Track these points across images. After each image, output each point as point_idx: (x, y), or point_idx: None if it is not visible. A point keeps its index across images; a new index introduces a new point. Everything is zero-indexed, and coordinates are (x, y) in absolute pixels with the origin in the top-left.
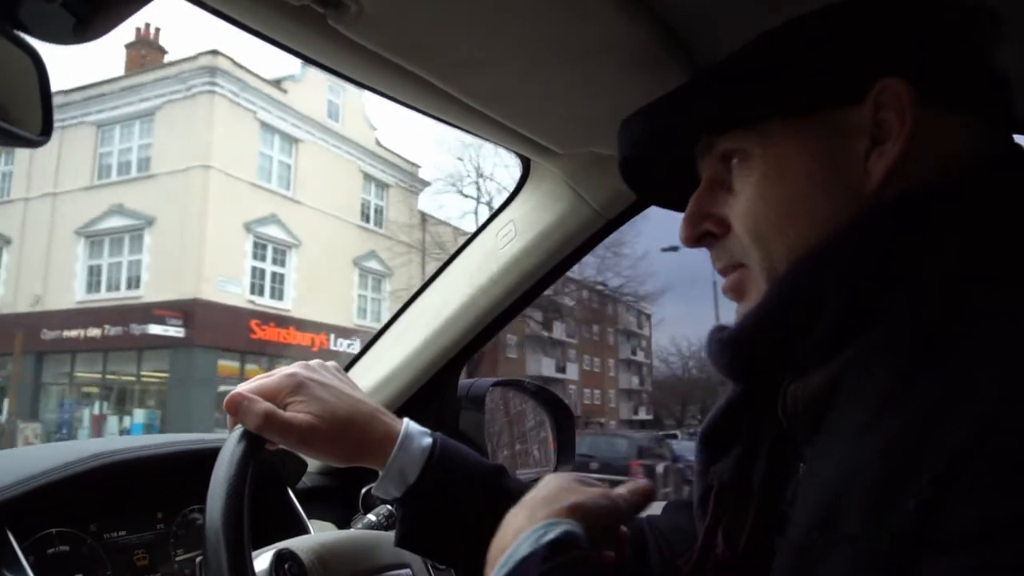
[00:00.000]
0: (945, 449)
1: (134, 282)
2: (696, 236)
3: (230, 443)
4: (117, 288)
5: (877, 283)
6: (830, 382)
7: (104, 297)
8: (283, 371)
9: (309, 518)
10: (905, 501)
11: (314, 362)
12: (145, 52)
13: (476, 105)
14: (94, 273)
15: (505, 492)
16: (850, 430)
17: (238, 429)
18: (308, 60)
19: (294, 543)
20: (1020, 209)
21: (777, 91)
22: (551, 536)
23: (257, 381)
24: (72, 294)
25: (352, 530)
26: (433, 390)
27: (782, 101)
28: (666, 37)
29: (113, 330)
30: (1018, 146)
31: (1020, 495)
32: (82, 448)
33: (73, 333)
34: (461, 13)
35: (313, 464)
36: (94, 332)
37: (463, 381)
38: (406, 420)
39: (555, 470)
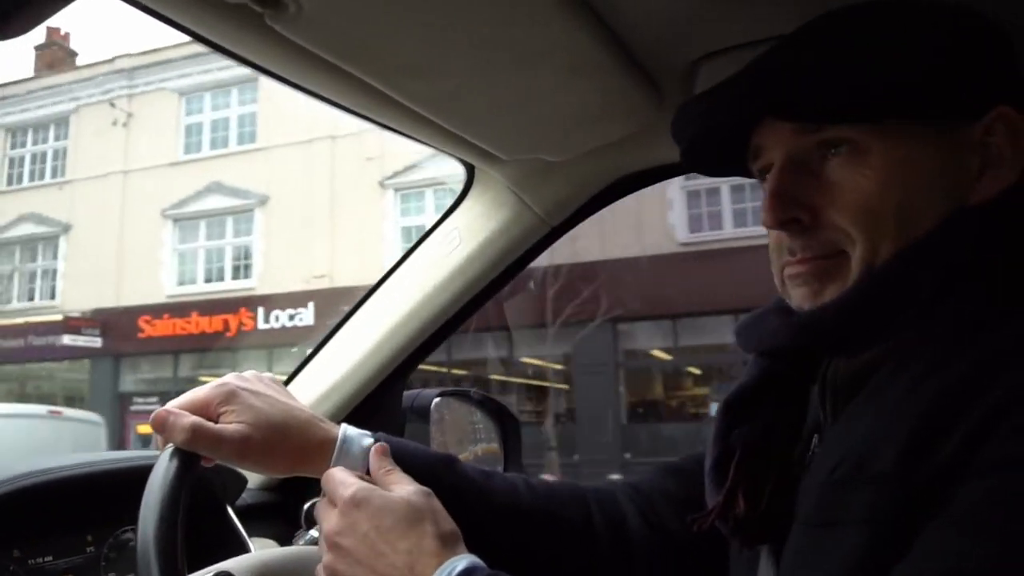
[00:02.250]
0: (993, 398)
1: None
2: (785, 219)
3: (161, 462)
4: (31, 298)
5: (964, 276)
6: (877, 359)
7: (16, 308)
8: (214, 382)
9: (250, 536)
10: (945, 441)
11: (248, 373)
12: (57, 55)
13: (420, 110)
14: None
15: (459, 481)
16: (890, 397)
17: (169, 447)
18: (245, 63)
19: (233, 563)
20: None
21: (907, 93)
22: (461, 567)
23: (186, 395)
24: None
25: (294, 547)
26: (377, 402)
27: (909, 103)
28: (611, 43)
29: (34, 340)
30: None
31: None
32: (6, 468)
33: None
34: (404, 16)
35: (253, 480)
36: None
37: (408, 392)
38: (344, 424)
39: None
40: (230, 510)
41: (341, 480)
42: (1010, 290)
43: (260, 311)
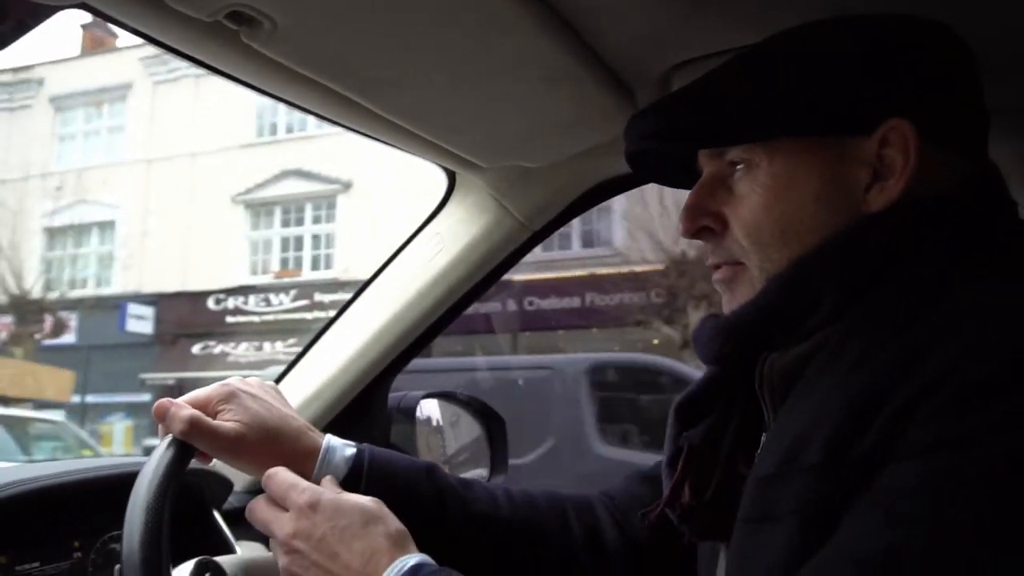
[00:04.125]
0: (912, 385)
1: None
2: (695, 229)
3: (158, 450)
4: None
5: (866, 280)
6: (806, 354)
7: None
8: (217, 382)
9: (237, 540)
10: (869, 428)
11: (251, 379)
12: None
13: (398, 120)
14: None
15: (439, 490)
16: (819, 390)
17: (167, 438)
18: (226, 76)
19: (220, 559)
20: (993, 218)
21: (792, 112)
22: (412, 563)
23: (191, 392)
24: None
25: None
26: (363, 404)
27: (795, 122)
28: (586, 54)
29: None
30: (993, 164)
31: (975, 419)
32: None
33: None
34: (379, 30)
35: (239, 483)
36: None
37: (394, 394)
38: (327, 435)
39: (489, 479)
40: (216, 513)
41: (292, 484)
42: (922, 288)
43: None
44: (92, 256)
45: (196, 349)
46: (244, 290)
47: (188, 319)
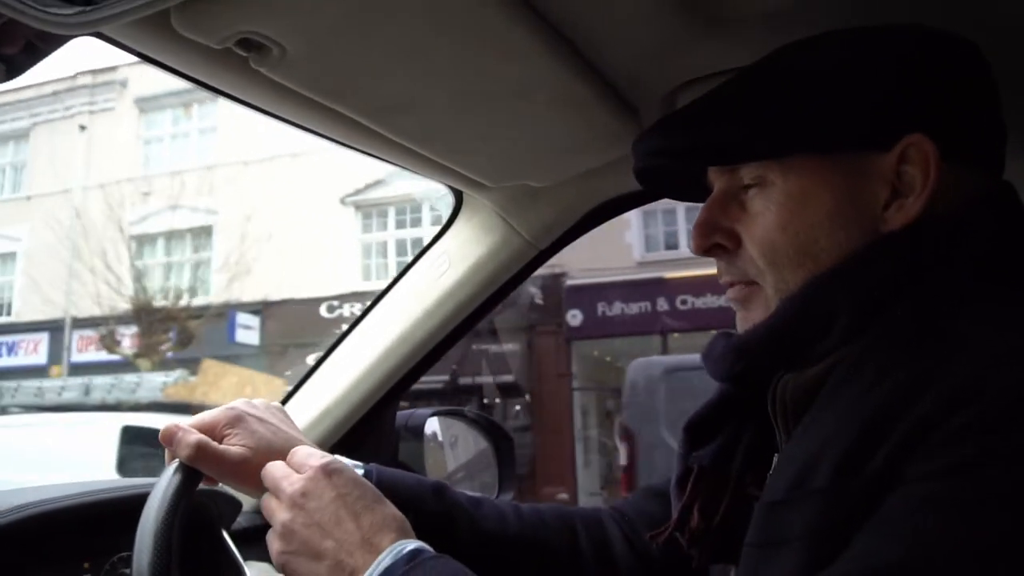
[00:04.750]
0: (923, 409)
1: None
2: (707, 247)
3: (165, 475)
4: None
5: (882, 302)
6: (821, 376)
7: None
8: (224, 405)
9: (245, 560)
10: (878, 452)
11: (257, 401)
12: None
13: (406, 143)
14: None
15: (447, 508)
16: (831, 412)
17: (174, 463)
18: (236, 101)
19: None
20: (1011, 237)
21: (808, 127)
22: (411, 547)
23: (198, 416)
24: None
25: None
26: (371, 423)
27: (812, 138)
28: (591, 76)
29: None
30: (1008, 183)
31: (986, 445)
32: (4, 499)
33: None
34: (387, 56)
35: (248, 503)
36: None
37: (401, 412)
38: (335, 456)
39: (497, 496)
40: (225, 534)
41: (310, 452)
42: (938, 310)
43: None
44: (187, 264)
45: (311, 360)
46: (358, 296)
47: (297, 328)
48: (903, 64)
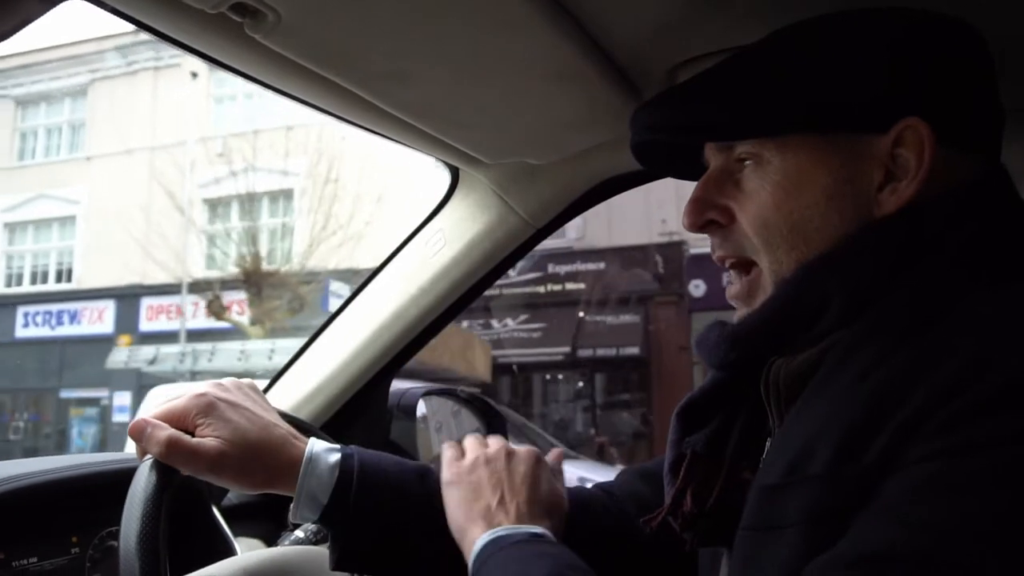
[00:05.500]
0: (921, 395)
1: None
2: (701, 223)
3: (140, 475)
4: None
5: (876, 286)
6: (814, 360)
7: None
8: (193, 391)
9: (235, 535)
10: (877, 437)
11: (227, 380)
12: None
13: (402, 116)
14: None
15: (431, 495)
16: (826, 397)
17: (148, 459)
18: (229, 69)
19: (216, 569)
20: (1005, 221)
21: (806, 107)
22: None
23: (166, 404)
24: None
25: (279, 548)
26: (363, 401)
27: (809, 117)
28: (592, 51)
29: None
30: (1003, 167)
31: (985, 429)
32: None
33: None
34: (384, 24)
35: None
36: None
37: (394, 390)
38: (311, 441)
39: None
40: (215, 510)
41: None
42: (933, 295)
43: None
44: (264, 229)
45: None
46: None
47: None
48: (902, 46)
